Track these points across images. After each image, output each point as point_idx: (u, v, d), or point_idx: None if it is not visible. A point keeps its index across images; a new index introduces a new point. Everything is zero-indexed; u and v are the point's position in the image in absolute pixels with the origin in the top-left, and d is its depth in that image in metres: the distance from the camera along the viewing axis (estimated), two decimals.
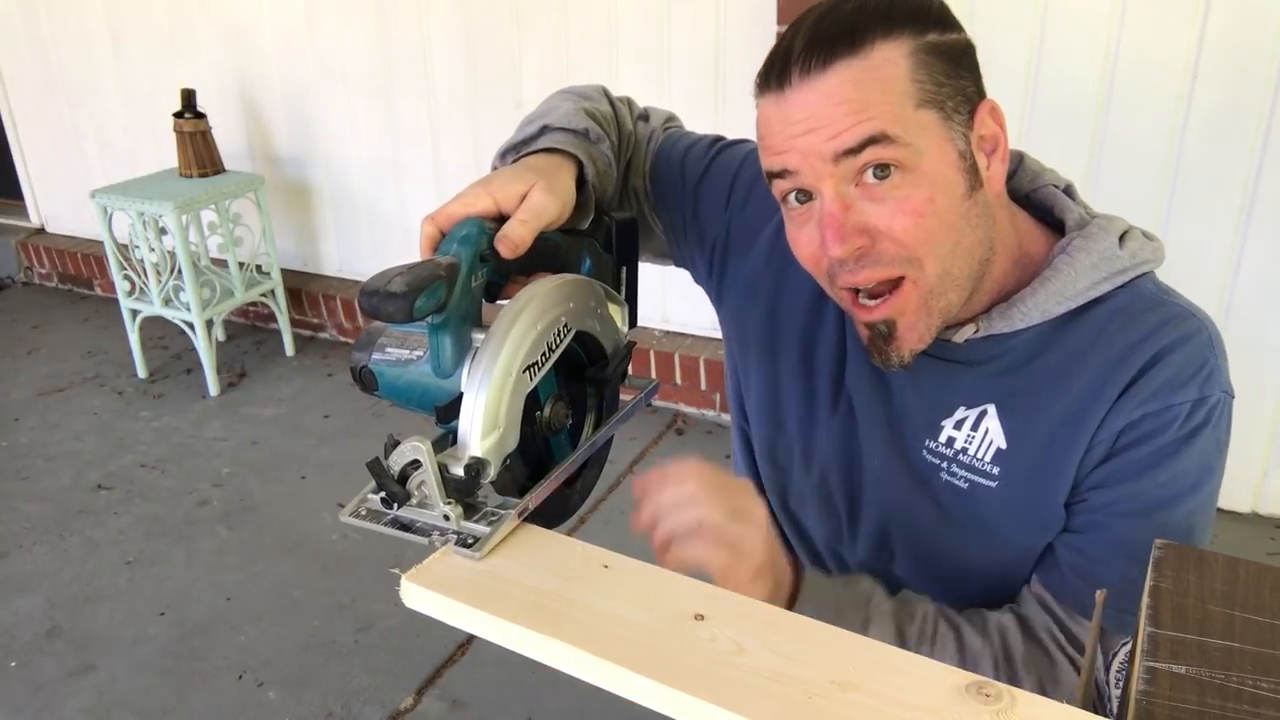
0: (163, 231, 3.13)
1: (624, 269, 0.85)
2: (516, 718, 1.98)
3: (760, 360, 0.98)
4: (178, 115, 3.23)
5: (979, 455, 0.84)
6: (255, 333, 3.74)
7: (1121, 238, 0.82)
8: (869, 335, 0.81)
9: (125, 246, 3.20)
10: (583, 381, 0.77)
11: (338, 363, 3.47)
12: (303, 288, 3.59)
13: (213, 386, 3.27)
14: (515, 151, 0.85)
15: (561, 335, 0.69)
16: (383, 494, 0.62)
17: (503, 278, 0.72)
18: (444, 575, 0.60)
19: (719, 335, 3.12)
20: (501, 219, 0.72)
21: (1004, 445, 0.83)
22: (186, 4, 3.47)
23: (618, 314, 0.79)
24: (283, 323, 3.50)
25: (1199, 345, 0.78)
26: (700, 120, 1.10)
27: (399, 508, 0.63)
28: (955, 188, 0.76)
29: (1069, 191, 0.88)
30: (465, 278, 0.66)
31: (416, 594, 0.60)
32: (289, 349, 3.54)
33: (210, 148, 3.30)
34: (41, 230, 4.34)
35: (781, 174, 0.77)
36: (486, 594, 0.59)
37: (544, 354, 0.67)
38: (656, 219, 1.02)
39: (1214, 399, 0.77)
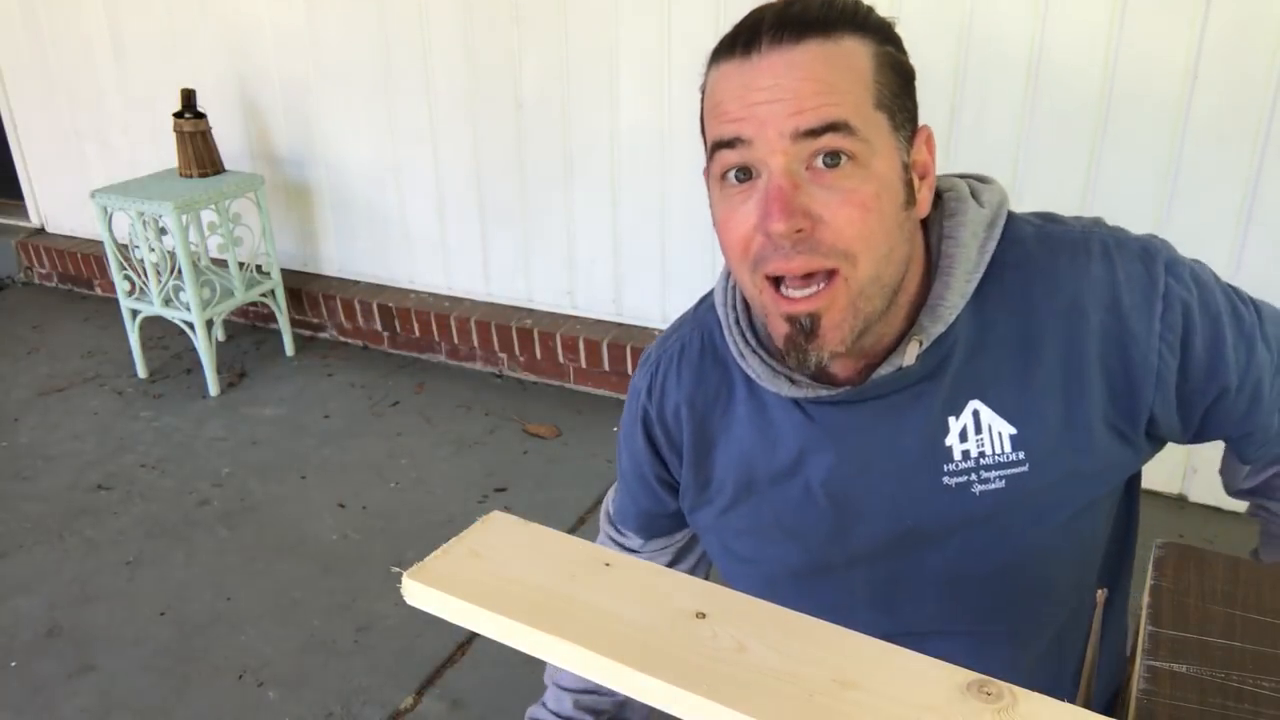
0: (163, 231, 3.13)
1: None
2: (516, 718, 1.98)
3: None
4: (178, 115, 3.23)
5: (999, 451, 0.83)
6: (255, 333, 3.74)
7: (972, 195, 0.86)
8: (788, 332, 0.79)
9: (125, 246, 3.20)
10: None
11: (338, 363, 3.47)
12: (303, 288, 3.59)
13: (213, 386, 3.27)
14: None
15: None
16: None
17: None
18: (445, 573, 0.60)
19: None
20: None
21: (1014, 430, 0.83)
22: (186, 4, 3.47)
23: None
24: (283, 323, 3.50)
25: (1120, 249, 0.82)
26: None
27: None
28: (897, 195, 0.77)
29: None
30: None
31: (418, 591, 0.60)
32: (289, 349, 3.54)
33: (210, 148, 3.30)
34: (41, 230, 4.34)
35: (731, 143, 0.75)
36: (488, 591, 0.59)
37: None
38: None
39: (1164, 254, 0.82)
